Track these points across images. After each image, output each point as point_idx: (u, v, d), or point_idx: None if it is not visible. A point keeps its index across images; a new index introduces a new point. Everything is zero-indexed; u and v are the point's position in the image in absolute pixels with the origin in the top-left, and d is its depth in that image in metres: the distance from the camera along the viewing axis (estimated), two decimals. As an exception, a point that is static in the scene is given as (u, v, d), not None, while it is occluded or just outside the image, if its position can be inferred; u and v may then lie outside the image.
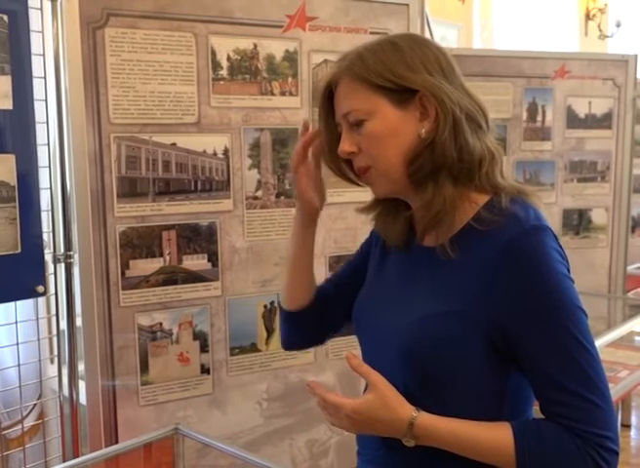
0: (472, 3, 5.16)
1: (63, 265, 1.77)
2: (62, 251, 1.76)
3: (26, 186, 1.65)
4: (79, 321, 1.78)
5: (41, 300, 1.81)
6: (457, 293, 0.99)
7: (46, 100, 1.72)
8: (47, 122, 1.73)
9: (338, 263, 2.13)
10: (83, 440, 1.81)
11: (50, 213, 1.77)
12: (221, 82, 1.92)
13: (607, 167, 3.32)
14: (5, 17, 1.60)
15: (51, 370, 1.86)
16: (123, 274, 1.83)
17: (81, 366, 1.80)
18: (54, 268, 1.77)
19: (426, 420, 0.98)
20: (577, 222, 3.31)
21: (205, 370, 1.96)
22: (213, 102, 1.91)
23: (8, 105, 1.62)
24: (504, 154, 2.98)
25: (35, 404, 1.87)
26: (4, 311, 1.77)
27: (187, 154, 1.89)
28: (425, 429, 0.97)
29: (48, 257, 1.74)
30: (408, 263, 1.11)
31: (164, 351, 1.90)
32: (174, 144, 1.87)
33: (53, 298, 1.79)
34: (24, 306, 1.78)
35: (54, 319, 1.82)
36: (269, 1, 1.97)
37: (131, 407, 1.86)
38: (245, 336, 2.02)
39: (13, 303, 1.72)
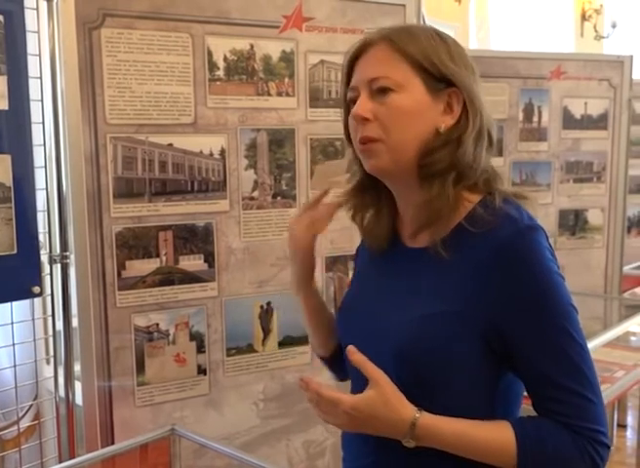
0: (468, 3, 5.16)
1: (59, 266, 1.77)
2: (59, 251, 1.76)
3: (22, 187, 1.65)
4: (75, 321, 1.78)
5: (37, 301, 1.81)
6: (451, 294, 0.98)
7: (42, 101, 1.72)
8: (43, 122, 1.73)
9: (334, 264, 2.13)
10: (79, 440, 1.81)
11: (46, 213, 1.77)
12: (218, 82, 1.92)
13: (603, 167, 3.33)
14: (1, 17, 1.59)
15: (47, 371, 1.86)
16: (119, 274, 1.82)
17: (77, 366, 1.80)
18: (50, 269, 1.77)
19: (428, 421, 0.96)
20: (573, 223, 3.31)
21: (201, 371, 1.96)
22: (209, 103, 1.91)
23: (4, 106, 1.61)
24: (501, 155, 3.03)
25: (31, 404, 1.86)
26: (0, 312, 1.77)
27: (184, 154, 1.89)
28: (427, 430, 0.96)
29: (44, 258, 1.74)
30: (394, 265, 1.09)
31: (160, 352, 1.89)
32: (170, 145, 1.87)
33: (49, 299, 1.79)
34: (20, 307, 1.77)
35: (50, 319, 1.81)
36: (266, 2, 1.97)
37: (127, 407, 1.86)
38: (241, 337, 2.02)
39: (9, 304, 1.72)
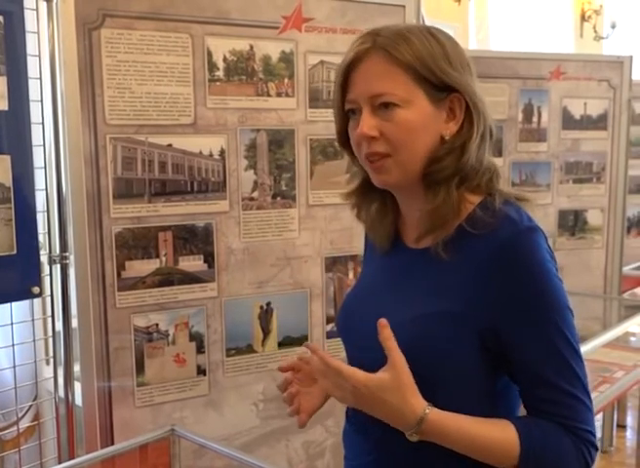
0: (468, 4, 5.16)
1: (59, 266, 1.76)
2: (58, 252, 1.76)
3: (22, 187, 1.65)
4: (75, 322, 1.78)
5: (37, 301, 1.81)
6: (452, 294, 0.98)
7: (41, 101, 1.72)
8: (42, 123, 1.72)
9: (334, 264, 2.13)
10: (79, 441, 1.81)
11: (45, 214, 1.77)
12: (218, 83, 1.92)
13: (602, 168, 3.33)
14: (0, 17, 1.59)
15: (46, 372, 1.86)
16: (119, 275, 1.82)
17: (77, 367, 1.80)
18: (49, 269, 1.77)
19: (436, 417, 0.94)
20: (572, 223, 3.32)
21: (201, 372, 1.96)
22: (209, 103, 1.91)
23: (3, 106, 1.61)
24: (500, 155, 3.03)
25: (31, 405, 1.86)
26: (-1, 312, 1.77)
27: (183, 155, 1.89)
28: (434, 426, 0.94)
29: (43, 258, 1.74)
30: (395, 265, 1.09)
31: (160, 352, 1.89)
32: (170, 145, 1.87)
33: (48, 299, 1.79)
34: (20, 307, 1.77)
35: (49, 320, 1.81)
36: (265, 2, 1.96)
37: (127, 408, 1.86)
38: (241, 337, 2.02)
39: (8, 304, 1.72)
